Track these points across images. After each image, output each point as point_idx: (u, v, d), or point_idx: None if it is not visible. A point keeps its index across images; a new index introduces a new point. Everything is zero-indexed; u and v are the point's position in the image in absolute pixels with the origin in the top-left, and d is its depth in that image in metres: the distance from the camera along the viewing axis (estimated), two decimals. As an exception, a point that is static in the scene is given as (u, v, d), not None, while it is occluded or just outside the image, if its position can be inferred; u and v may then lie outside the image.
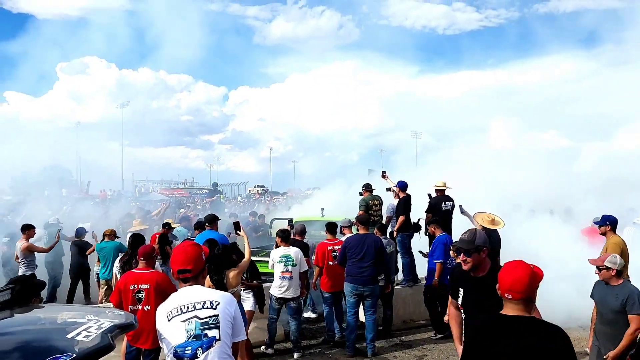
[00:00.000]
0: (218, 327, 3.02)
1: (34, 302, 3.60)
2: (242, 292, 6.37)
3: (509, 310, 2.73)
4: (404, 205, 9.44)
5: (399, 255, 9.19)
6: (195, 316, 3.02)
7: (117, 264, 7.46)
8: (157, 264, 6.18)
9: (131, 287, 5.25)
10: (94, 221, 12.51)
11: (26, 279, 3.92)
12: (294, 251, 7.41)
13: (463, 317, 3.91)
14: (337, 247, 7.82)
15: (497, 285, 2.80)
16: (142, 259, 5.52)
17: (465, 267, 3.71)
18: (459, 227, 8.94)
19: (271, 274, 7.57)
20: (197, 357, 2.96)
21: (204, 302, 3.05)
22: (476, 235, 3.75)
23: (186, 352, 2.97)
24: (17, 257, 9.49)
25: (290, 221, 9.15)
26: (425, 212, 9.38)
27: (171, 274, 3.34)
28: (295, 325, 7.43)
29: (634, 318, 4.67)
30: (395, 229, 9.33)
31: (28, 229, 9.59)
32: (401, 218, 9.35)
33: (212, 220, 8.02)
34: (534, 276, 2.72)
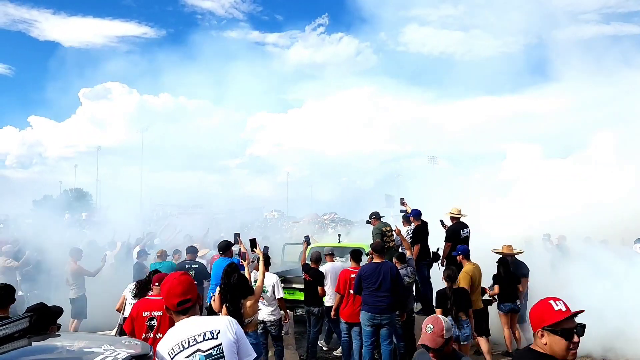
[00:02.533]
0: (223, 357, 2.94)
1: (51, 331, 3.62)
2: None
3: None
4: (418, 233, 9.38)
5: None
6: (198, 349, 2.92)
7: (130, 286, 7.08)
8: None
9: (144, 314, 5.13)
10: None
11: (44, 307, 3.94)
12: (267, 277, 7.19)
13: None
14: None
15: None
16: (157, 284, 5.41)
17: None
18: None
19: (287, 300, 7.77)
20: None
21: (204, 334, 2.96)
22: None
23: None
24: (67, 281, 9.69)
25: (306, 238, 9.14)
26: (445, 240, 9.27)
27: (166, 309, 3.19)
28: (277, 351, 7.47)
29: None
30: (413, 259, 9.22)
31: (76, 252, 9.89)
32: (416, 247, 9.28)
33: (226, 247, 7.97)
34: None
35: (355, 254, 8.01)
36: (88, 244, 12.45)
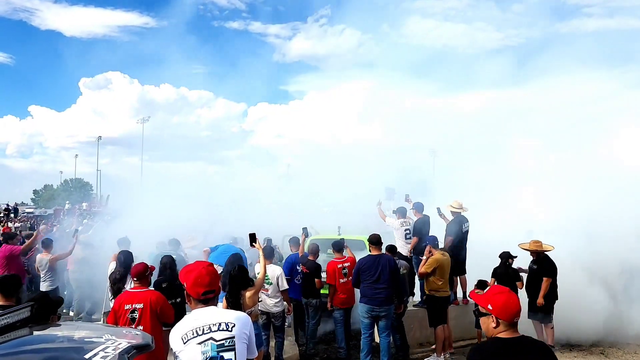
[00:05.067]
0: (234, 349, 3.02)
1: (52, 320, 3.63)
2: None
3: (511, 333, 2.89)
4: (420, 226, 9.39)
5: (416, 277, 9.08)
6: (211, 338, 3.01)
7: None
8: None
9: (126, 307, 5.20)
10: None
11: (45, 296, 3.95)
12: (271, 270, 7.28)
13: None
14: (345, 264, 8.01)
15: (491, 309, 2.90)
16: (135, 279, 5.45)
17: None
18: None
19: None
20: None
21: (220, 324, 3.05)
22: None
23: None
24: (37, 270, 9.48)
25: (304, 229, 9.22)
26: (446, 234, 9.25)
27: (186, 295, 3.25)
28: (278, 342, 7.51)
29: None
30: (409, 250, 9.27)
31: (47, 243, 9.63)
32: (414, 239, 9.31)
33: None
34: None
35: (337, 245, 8.30)
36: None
